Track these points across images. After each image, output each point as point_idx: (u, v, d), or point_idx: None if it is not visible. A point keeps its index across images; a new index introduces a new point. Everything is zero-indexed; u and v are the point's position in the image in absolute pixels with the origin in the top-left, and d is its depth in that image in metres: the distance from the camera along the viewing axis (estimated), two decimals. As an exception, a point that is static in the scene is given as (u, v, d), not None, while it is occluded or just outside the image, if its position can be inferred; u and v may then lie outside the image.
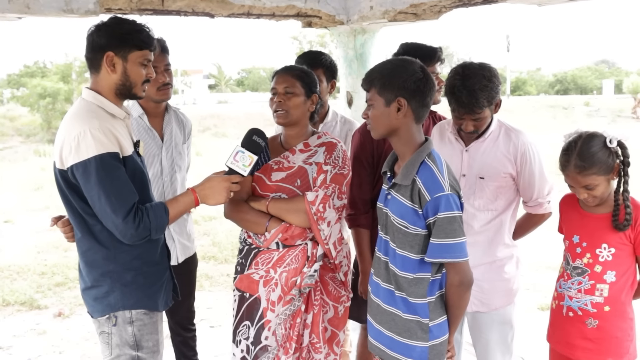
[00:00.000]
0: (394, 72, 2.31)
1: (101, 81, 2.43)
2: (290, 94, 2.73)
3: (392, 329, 2.40)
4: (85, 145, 2.26)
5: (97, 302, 2.47)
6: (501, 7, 3.52)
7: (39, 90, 27.89)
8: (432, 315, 2.34)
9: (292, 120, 2.76)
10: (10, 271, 7.49)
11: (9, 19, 3.31)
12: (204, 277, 7.03)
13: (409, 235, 2.31)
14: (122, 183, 2.32)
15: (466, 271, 2.29)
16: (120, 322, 2.46)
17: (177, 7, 3.56)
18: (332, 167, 2.72)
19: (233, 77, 61.76)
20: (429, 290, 2.34)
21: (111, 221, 2.30)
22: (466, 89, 2.66)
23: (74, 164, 2.28)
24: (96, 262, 2.44)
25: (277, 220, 2.69)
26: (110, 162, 2.29)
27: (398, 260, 2.36)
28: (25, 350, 5.03)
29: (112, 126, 2.36)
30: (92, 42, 2.39)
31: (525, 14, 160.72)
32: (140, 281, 2.48)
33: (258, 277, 2.72)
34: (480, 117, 2.74)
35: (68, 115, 2.41)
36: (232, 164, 2.54)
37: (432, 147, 2.37)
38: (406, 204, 2.31)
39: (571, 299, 2.63)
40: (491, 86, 2.69)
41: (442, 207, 2.22)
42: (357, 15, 4.25)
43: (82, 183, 2.30)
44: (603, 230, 2.56)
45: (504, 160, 2.83)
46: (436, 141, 2.96)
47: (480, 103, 2.68)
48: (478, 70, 2.70)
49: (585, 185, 2.50)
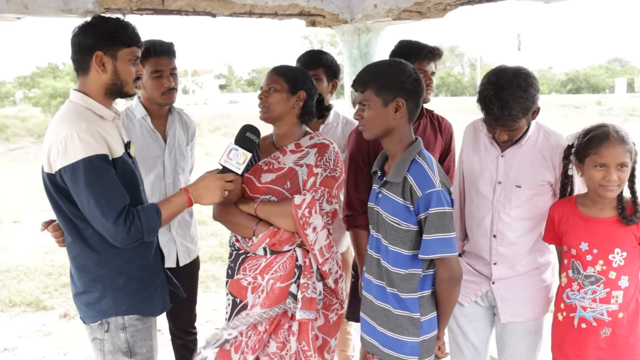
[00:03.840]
0: (391, 73, 2.34)
1: (90, 82, 2.38)
2: (272, 90, 2.68)
3: (384, 324, 2.44)
4: (73, 148, 2.22)
5: (89, 307, 2.43)
6: (511, 5, 3.46)
7: (50, 90, 28.05)
8: (423, 311, 2.38)
9: (273, 115, 2.70)
10: (18, 271, 7.52)
11: (7, 19, 3.29)
12: (210, 278, 7.02)
13: (400, 231, 2.36)
14: (112, 185, 2.27)
15: (455, 266, 2.35)
16: (112, 329, 2.42)
17: (178, 6, 3.53)
18: (322, 170, 2.66)
19: (244, 77, 61.74)
20: (420, 285, 2.38)
21: (101, 225, 2.26)
22: (499, 101, 2.48)
23: (62, 167, 2.24)
24: (87, 267, 2.40)
25: (266, 224, 2.64)
26: (98, 165, 2.25)
27: (390, 256, 2.41)
28: (30, 351, 5.02)
29: (100, 128, 2.32)
30: (79, 43, 2.34)
31: (537, 12, 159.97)
32: (132, 286, 2.43)
33: (246, 283, 2.69)
34: (515, 128, 2.59)
35: (55, 118, 2.36)
36: (226, 162, 2.48)
37: (421, 145, 2.42)
38: (398, 201, 2.35)
39: (585, 309, 2.54)
40: (527, 96, 2.49)
41: (433, 203, 2.27)
42: (361, 13, 4.20)
43: (70, 186, 2.25)
44: (614, 234, 2.49)
45: (542, 167, 2.68)
46: (469, 143, 2.87)
47: (513, 116, 2.50)
48: (513, 79, 2.49)
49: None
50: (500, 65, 2.62)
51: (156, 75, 3.15)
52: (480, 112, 2.62)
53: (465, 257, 2.89)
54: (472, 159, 2.84)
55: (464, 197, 2.90)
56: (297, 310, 2.58)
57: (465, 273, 2.77)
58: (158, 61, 3.13)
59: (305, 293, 2.59)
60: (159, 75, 3.15)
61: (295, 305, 2.59)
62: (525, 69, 2.56)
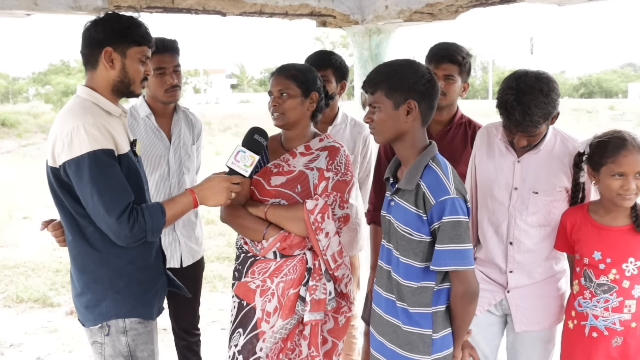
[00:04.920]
0: (402, 73, 2.20)
1: (97, 77, 2.34)
2: (285, 95, 2.61)
3: (394, 340, 2.30)
4: (79, 141, 2.17)
5: (89, 310, 2.37)
6: (523, 8, 3.42)
7: (62, 88, 28.19)
8: (436, 327, 2.23)
9: (290, 122, 2.64)
10: (26, 267, 7.55)
11: (17, 16, 3.28)
12: (217, 278, 7.00)
13: (412, 242, 2.22)
14: (117, 181, 2.22)
15: (471, 281, 2.19)
16: (113, 332, 2.36)
17: (188, 5, 3.50)
18: (334, 174, 2.60)
19: (255, 77, 61.85)
20: (433, 300, 2.23)
21: (104, 221, 2.20)
22: (520, 106, 2.40)
23: (66, 161, 2.19)
24: (87, 267, 2.35)
25: (276, 228, 2.59)
26: (104, 159, 2.19)
27: (401, 268, 2.27)
28: (35, 348, 5.03)
29: (107, 123, 2.27)
30: (89, 37, 2.31)
31: (550, 15, 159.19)
32: (133, 288, 2.38)
33: (254, 286, 2.63)
34: (535, 133, 2.52)
35: (61, 112, 2.32)
36: (233, 164, 2.44)
37: (436, 150, 2.28)
38: (410, 209, 2.21)
39: (597, 318, 2.50)
40: (548, 101, 2.42)
41: (447, 211, 2.12)
42: (372, 14, 4.16)
43: (74, 181, 2.20)
44: (627, 243, 2.45)
45: (559, 173, 2.62)
46: (483, 148, 2.79)
47: (535, 122, 2.43)
48: (535, 84, 2.42)
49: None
50: (519, 70, 2.55)
51: (159, 72, 3.12)
52: (500, 117, 2.55)
53: (478, 265, 2.81)
54: (486, 165, 2.76)
55: (476, 204, 2.84)
56: (305, 313, 2.54)
57: (478, 281, 2.74)
58: (161, 58, 3.11)
59: (314, 295, 2.55)
60: (161, 73, 3.13)
61: (303, 307, 2.55)
62: (546, 73, 2.50)
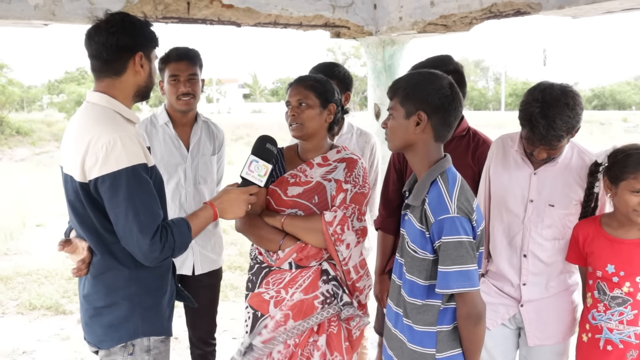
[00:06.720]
0: (419, 84, 2.16)
1: (121, 84, 2.20)
2: (304, 105, 2.60)
3: (399, 356, 2.27)
4: (115, 155, 2.04)
5: (112, 329, 2.20)
6: (536, 19, 3.41)
7: (76, 97, 28.48)
8: (440, 347, 2.16)
9: (308, 133, 2.62)
10: (39, 275, 7.57)
11: (35, 26, 3.33)
12: (229, 287, 7.00)
13: (417, 259, 2.18)
14: (152, 199, 2.11)
15: (476, 302, 2.10)
16: (137, 351, 2.21)
17: (203, 15, 3.54)
18: (352, 186, 2.59)
19: (268, 87, 62.13)
20: (439, 319, 2.17)
21: (135, 241, 2.05)
22: (545, 119, 2.37)
23: (100, 176, 2.04)
24: (116, 284, 2.19)
25: (292, 239, 2.57)
26: (141, 176, 2.08)
27: (407, 285, 2.23)
28: (48, 355, 5.04)
29: (137, 134, 2.18)
30: (116, 43, 2.14)
31: (563, 27, 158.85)
32: (159, 304, 2.27)
33: (268, 297, 2.62)
34: (557, 147, 2.50)
35: (82, 122, 2.17)
36: (247, 174, 2.40)
37: (447, 165, 2.20)
38: (416, 226, 2.17)
39: (611, 331, 2.48)
40: (573, 115, 2.39)
41: (445, 231, 2.06)
42: (385, 26, 4.18)
43: (107, 197, 2.06)
44: None
45: (575, 186, 2.60)
46: (498, 159, 2.75)
47: (559, 136, 2.40)
48: (561, 97, 2.39)
49: None
50: (544, 82, 2.52)
51: (173, 79, 3.20)
52: (522, 128, 2.52)
53: (491, 278, 2.79)
54: (501, 176, 2.73)
55: (489, 216, 2.80)
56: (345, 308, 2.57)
57: (491, 295, 2.71)
58: (176, 66, 3.19)
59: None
60: (175, 80, 3.19)
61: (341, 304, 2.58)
62: (570, 87, 2.47)
